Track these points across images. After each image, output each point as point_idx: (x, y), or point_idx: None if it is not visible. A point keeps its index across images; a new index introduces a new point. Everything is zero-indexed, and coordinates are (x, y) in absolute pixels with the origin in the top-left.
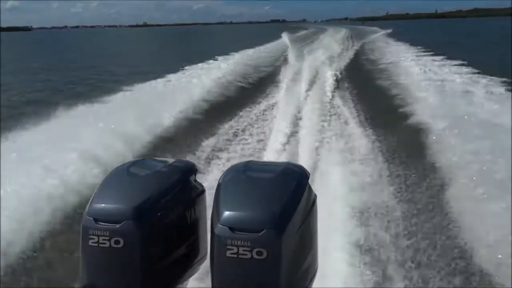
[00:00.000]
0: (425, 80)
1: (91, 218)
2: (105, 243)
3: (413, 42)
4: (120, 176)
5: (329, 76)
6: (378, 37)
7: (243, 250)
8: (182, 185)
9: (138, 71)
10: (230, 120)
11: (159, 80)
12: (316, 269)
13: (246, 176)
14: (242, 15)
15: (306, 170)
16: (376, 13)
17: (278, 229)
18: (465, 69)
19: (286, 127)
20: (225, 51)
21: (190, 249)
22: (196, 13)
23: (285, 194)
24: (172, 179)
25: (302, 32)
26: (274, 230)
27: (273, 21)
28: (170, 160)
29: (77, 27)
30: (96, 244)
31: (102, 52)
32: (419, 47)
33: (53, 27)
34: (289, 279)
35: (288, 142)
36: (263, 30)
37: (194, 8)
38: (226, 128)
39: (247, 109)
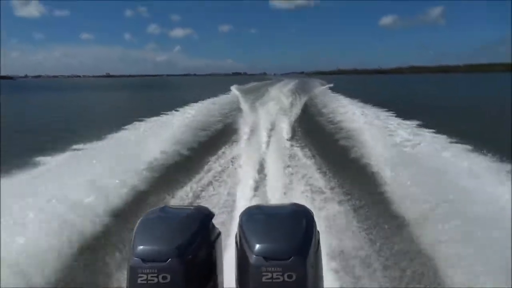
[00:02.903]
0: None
1: (139, 259)
2: (153, 280)
3: (348, 94)
4: (152, 221)
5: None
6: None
7: (276, 275)
8: (205, 228)
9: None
10: (199, 171)
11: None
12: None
13: (264, 215)
14: (205, 68)
15: (310, 209)
16: (329, 68)
17: (302, 255)
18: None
19: (252, 175)
20: (185, 101)
21: (213, 286)
22: (159, 64)
23: (301, 227)
24: (196, 223)
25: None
26: (299, 256)
27: (235, 73)
28: (190, 206)
29: (38, 76)
30: (145, 282)
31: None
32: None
33: (6, 76)
34: None
35: (256, 188)
36: (227, 82)
37: (157, 59)
38: (196, 180)
39: (213, 159)
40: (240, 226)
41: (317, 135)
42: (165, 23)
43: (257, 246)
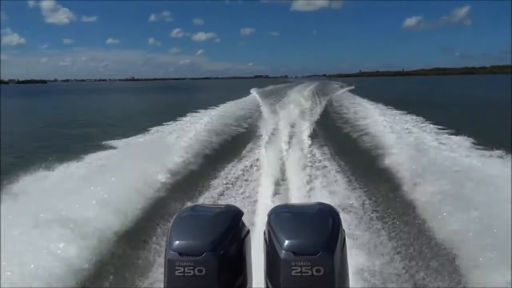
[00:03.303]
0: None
1: (176, 253)
2: (190, 272)
3: (368, 97)
4: (186, 219)
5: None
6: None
7: (305, 269)
8: (236, 225)
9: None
10: (220, 172)
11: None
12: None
13: (291, 213)
14: (227, 71)
15: (335, 208)
16: (351, 71)
17: (330, 251)
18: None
19: (274, 177)
20: (209, 104)
21: (243, 280)
22: (182, 67)
23: (328, 225)
24: (228, 220)
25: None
26: (327, 252)
27: (256, 76)
28: (221, 205)
29: (67, 80)
30: (182, 274)
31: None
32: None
33: (40, 80)
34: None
35: (278, 189)
36: (249, 84)
37: (180, 63)
38: (217, 182)
39: (234, 162)
40: (269, 223)
41: (337, 137)
42: (188, 27)
43: (287, 242)
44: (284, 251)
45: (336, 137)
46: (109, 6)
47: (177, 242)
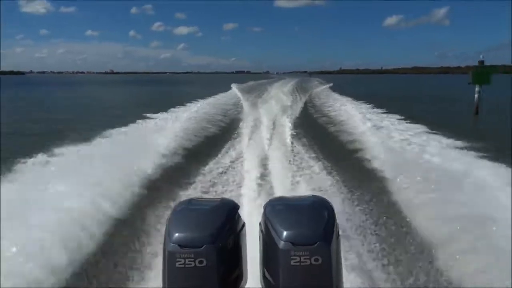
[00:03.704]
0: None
1: (176, 245)
2: (190, 264)
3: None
4: (184, 212)
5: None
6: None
7: (304, 259)
8: (233, 218)
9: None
10: (203, 169)
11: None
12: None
13: (287, 205)
14: (208, 65)
15: (329, 200)
16: (332, 68)
17: (327, 241)
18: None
19: (256, 171)
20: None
21: (240, 271)
22: (162, 61)
23: (323, 216)
24: (225, 213)
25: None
26: (324, 242)
27: (238, 72)
28: (217, 198)
29: (43, 72)
30: (183, 265)
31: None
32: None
33: (18, 72)
34: (337, 278)
35: (261, 184)
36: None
37: (161, 57)
38: (202, 176)
39: (218, 155)
40: (265, 215)
41: (316, 130)
42: (170, 21)
43: (285, 232)
44: (282, 241)
45: (315, 129)
46: None
47: (176, 234)
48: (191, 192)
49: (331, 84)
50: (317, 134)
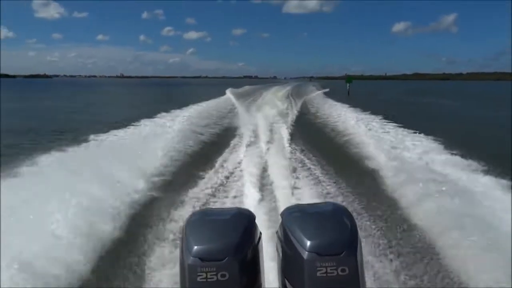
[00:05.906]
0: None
1: (197, 258)
2: (213, 278)
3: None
4: (199, 223)
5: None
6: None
7: (331, 270)
8: (251, 228)
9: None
10: (202, 178)
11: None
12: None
13: (306, 213)
14: (217, 70)
15: (346, 207)
16: (338, 73)
17: (353, 250)
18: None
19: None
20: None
21: (260, 283)
22: (171, 66)
23: (346, 224)
24: (243, 223)
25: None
26: (351, 251)
27: (246, 76)
28: (232, 208)
29: (57, 76)
30: (205, 280)
31: None
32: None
33: (30, 75)
34: (365, 286)
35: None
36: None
37: (170, 61)
38: (199, 188)
39: (217, 164)
40: (284, 224)
41: (314, 136)
42: (180, 25)
43: (309, 242)
44: (307, 252)
45: (314, 135)
46: (102, 3)
47: (196, 247)
48: (194, 202)
49: (327, 90)
50: (313, 138)
